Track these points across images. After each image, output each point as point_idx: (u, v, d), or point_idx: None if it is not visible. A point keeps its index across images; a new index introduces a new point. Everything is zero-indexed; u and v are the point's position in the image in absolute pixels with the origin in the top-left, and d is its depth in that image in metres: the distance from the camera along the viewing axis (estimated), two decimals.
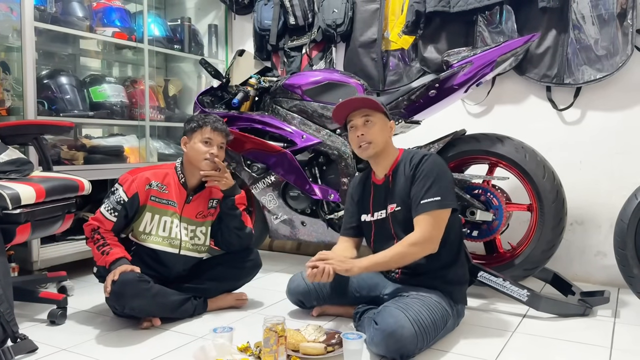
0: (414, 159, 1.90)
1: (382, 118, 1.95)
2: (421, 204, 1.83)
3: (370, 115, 1.93)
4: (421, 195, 1.83)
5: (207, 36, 3.77)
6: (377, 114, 1.94)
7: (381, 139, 1.93)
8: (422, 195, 1.83)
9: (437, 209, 1.81)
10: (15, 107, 2.54)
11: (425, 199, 1.82)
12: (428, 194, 1.82)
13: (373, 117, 1.93)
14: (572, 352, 1.81)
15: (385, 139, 1.95)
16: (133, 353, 1.79)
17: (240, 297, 2.29)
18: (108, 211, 2.04)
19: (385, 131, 1.95)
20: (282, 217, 2.76)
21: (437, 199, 1.81)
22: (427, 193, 1.82)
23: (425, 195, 1.82)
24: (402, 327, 1.64)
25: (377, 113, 1.94)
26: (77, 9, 2.90)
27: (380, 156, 1.97)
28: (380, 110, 1.94)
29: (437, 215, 1.82)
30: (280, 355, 1.58)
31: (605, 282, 2.63)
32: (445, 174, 1.88)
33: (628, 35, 2.52)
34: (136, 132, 3.22)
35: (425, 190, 1.83)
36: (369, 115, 1.93)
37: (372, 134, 1.92)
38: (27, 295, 2.19)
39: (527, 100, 2.85)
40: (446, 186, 1.85)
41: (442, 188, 1.83)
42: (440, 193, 1.82)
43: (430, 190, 1.82)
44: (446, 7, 2.81)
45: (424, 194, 1.83)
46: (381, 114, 1.95)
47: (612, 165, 2.64)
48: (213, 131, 2.12)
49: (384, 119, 1.95)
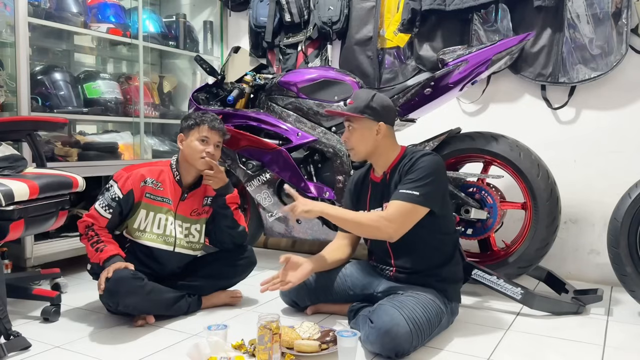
0: (414, 157, 1.89)
1: (364, 122, 1.91)
2: (399, 192, 1.83)
3: (350, 121, 1.95)
4: (404, 185, 1.84)
5: (202, 33, 3.75)
6: (358, 120, 1.92)
7: (362, 145, 1.93)
8: (405, 185, 1.83)
9: (411, 202, 1.80)
10: (9, 103, 2.52)
11: (405, 189, 1.82)
12: (409, 186, 1.82)
13: (354, 124, 1.94)
14: (565, 350, 1.82)
15: (369, 144, 1.93)
16: (127, 350, 1.78)
17: (235, 295, 2.28)
18: (102, 208, 2.03)
19: (369, 135, 1.92)
20: (277, 214, 2.76)
21: (415, 193, 1.81)
22: (410, 185, 1.82)
23: (407, 187, 1.82)
24: (397, 325, 1.64)
25: (359, 119, 1.92)
26: (72, 5, 2.88)
27: (372, 157, 1.98)
28: (362, 115, 1.90)
29: (410, 208, 1.81)
30: (274, 353, 1.58)
31: (598, 280, 2.65)
32: (438, 176, 1.86)
33: (623, 35, 2.53)
34: (131, 129, 3.21)
35: (409, 182, 1.83)
36: (349, 121, 1.95)
37: (351, 141, 1.95)
38: (21, 292, 2.18)
39: (522, 99, 2.86)
40: (432, 187, 1.83)
41: (427, 187, 1.82)
42: (421, 190, 1.81)
43: (413, 184, 1.82)
44: (442, 5, 2.81)
45: (407, 185, 1.83)
46: (363, 119, 1.91)
47: (606, 164, 2.65)
48: (210, 130, 2.12)
49: (367, 122, 1.91)
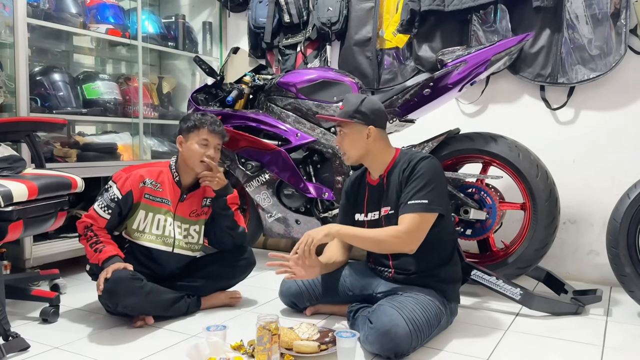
0: (412, 161, 1.89)
1: (354, 127, 1.92)
2: (408, 204, 1.83)
3: (340, 126, 1.96)
4: (410, 196, 1.84)
5: (201, 33, 3.75)
6: (348, 124, 1.93)
7: (353, 149, 1.95)
8: (411, 196, 1.83)
9: (422, 212, 1.81)
10: (8, 103, 2.52)
11: (412, 199, 1.83)
12: (416, 196, 1.82)
13: (344, 128, 1.95)
14: (564, 351, 1.82)
15: (360, 148, 1.93)
16: (126, 351, 1.78)
17: (234, 296, 2.28)
18: (102, 209, 2.03)
19: (358, 140, 1.93)
20: (276, 215, 2.76)
21: (424, 202, 1.81)
22: (416, 195, 1.83)
23: (414, 197, 1.83)
24: (396, 326, 1.64)
25: (348, 123, 1.93)
26: (71, 6, 2.88)
27: (366, 160, 1.98)
28: (351, 120, 1.91)
29: (424, 217, 1.82)
30: (273, 354, 1.58)
31: (597, 280, 2.65)
32: (439, 179, 1.87)
33: (621, 35, 2.53)
34: (130, 130, 3.21)
35: (415, 192, 1.83)
36: (340, 126, 1.97)
37: (343, 146, 1.96)
38: (19, 293, 2.18)
39: (520, 100, 2.86)
40: (436, 191, 1.84)
41: (432, 192, 1.83)
42: (428, 197, 1.82)
43: (419, 193, 1.83)
44: (441, 6, 2.81)
45: (413, 195, 1.83)
46: (353, 123, 1.92)
47: (605, 164, 2.65)
48: (210, 133, 2.11)
49: (356, 126, 1.92)
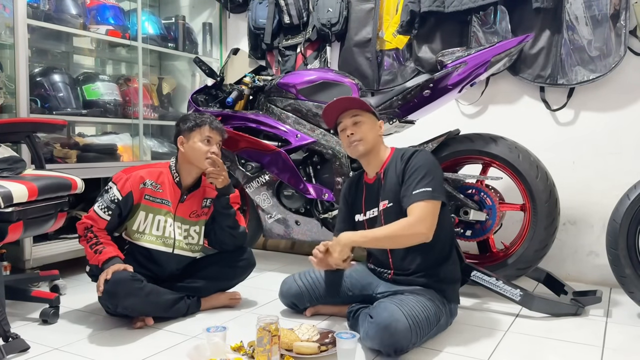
0: (405, 155, 1.93)
1: (370, 117, 1.98)
2: (414, 194, 1.83)
3: (359, 115, 1.97)
4: (413, 187, 1.84)
5: (201, 34, 3.75)
6: (365, 113, 1.97)
7: (371, 136, 1.96)
8: (414, 186, 1.84)
9: (429, 199, 1.82)
10: (8, 104, 2.52)
11: (417, 189, 1.83)
12: (420, 185, 1.83)
13: (362, 117, 1.96)
14: (564, 352, 1.82)
15: (375, 137, 1.98)
16: (126, 352, 1.78)
17: (234, 297, 2.28)
18: (102, 210, 2.03)
19: (375, 130, 1.98)
20: (276, 216, 2.76)
21: (428, 189, 1.82)
22: (419, 184, 1.84)
23: (417, 186, 1.84)
24: (396, 321, 1.65)
25: (366, 113, 1.97)
26: (71, 7, 2.88)
27: (370, 154, 1.99)
28: (369, 110, 1.98)
29: (431, 204, 1.82)
30: (273, 355, 1.58)
31: (597, 281, 2.65)
32: (436, 169, 1.90)
33: (621, 37, 2.53)
34: (130, 131, 3.21)
35: (417, 182, 1.84)
36: (358, 115, 1.97)
37: (362, 132, 1.95)
38: (19, 294, 2.17)
39: (520, 101, 2.86)
40: (437, 180, 1.86)
41: (433, 181, 1.84)
42: (431, 185, 1.83)
43: (422, 182, 1.84)
44: (441, 7, 2.81)
45: (416, 184, 1.84)
46: (369, 114, 1.98)
47: (605, 165, 2.66)
48: (212, 130, 2.13)
49: (372, 118, 1.99)
